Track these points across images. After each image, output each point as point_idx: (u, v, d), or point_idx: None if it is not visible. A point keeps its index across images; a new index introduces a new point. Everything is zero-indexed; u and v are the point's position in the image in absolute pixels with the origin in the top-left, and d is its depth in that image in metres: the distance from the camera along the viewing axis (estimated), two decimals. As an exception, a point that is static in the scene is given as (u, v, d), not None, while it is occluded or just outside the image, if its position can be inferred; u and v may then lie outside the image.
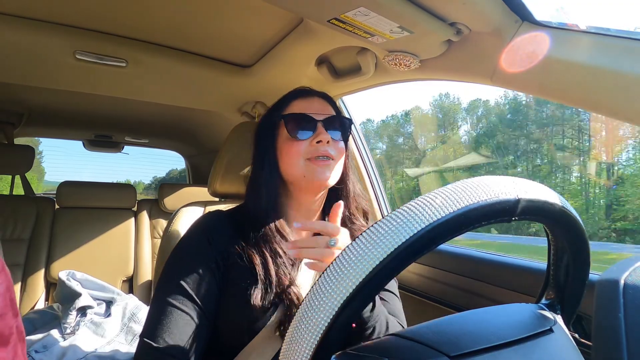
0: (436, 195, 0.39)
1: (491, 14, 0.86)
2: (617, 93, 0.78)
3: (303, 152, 0.89)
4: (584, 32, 0.81)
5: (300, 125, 0.90)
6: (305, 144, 0.90)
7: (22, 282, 2.20)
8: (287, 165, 0.91)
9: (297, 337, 0.38)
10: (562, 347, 0.48)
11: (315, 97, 0.97)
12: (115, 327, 2.00)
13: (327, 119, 0.92)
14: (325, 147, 0.89)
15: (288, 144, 0.91)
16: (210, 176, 1.11)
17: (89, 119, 2.70)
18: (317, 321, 0.37)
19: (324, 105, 0.96)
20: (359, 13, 0.87)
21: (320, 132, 0.89)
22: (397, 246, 0.36)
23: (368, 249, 0.37)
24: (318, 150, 0.89)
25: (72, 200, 2.50)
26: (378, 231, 0.38)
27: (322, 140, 0.89)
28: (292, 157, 0.90)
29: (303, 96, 0.96)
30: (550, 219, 0.47)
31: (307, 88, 1.00)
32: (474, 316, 0.49)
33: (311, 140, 0.90)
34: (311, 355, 0.37)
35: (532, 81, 0.92)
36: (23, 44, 1.26)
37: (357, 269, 0.37)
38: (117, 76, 1.52)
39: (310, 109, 0.92)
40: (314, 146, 0.89)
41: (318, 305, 0.38)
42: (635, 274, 0.42)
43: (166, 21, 1.21)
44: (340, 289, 0.37)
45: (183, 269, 0.82)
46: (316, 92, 0.98)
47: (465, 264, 1.31)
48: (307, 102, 0.95)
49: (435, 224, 0.37)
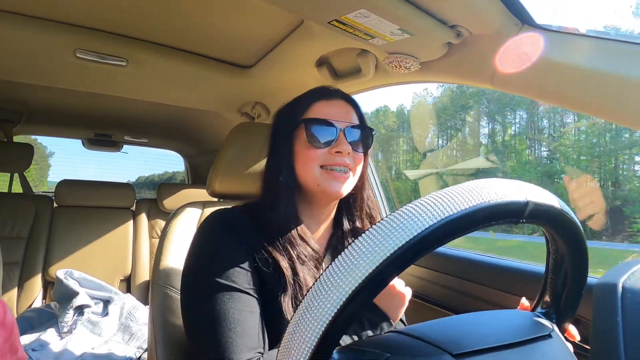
0: (449, 193, 0.39)
1: (492, 17, 0.86)
2: (618, 97, 0.78)
3: (319, 160, 0.84)
4: (584, 35, 0.81)
5: (320, 132, 0.83)
6: (324, 151, 0.84)
7: (20, 281, 2.20)
8: (301, 171, 0.86)
9: (299, 330, 0.38)
10: (561, 352, 0.48)
11: (339, 100, 0.90)
12: (113, 326, 1.99)
13: (349, 127, 0.85)
14: (344, 158, 0.84)
15: (305, 149, 0.85)
16: (209, 176, 1.11)
17: (89, 117, 2.69)
18: (322, 313, 0.37)
19: (347, 109, 0.89)
20: (360, 15, 0.87)
21: (342, 141, 0.84)
22: (409, 239, 0.36)
23: (380, 241, 0.37)
24: (335, 160, 0.83)
25: (71, 199, 2.49)
26: (390, 224, 0.37)
27: (342, 152, 0.83)
28: (308, 163, 0.84)
29: (326, 97, 0.89)
30: (554, 224, 0.47)
31: (331, 88, 0.92)
32: (474, 318, 0.50)
33: (330, 149, 0.84)
34: (313, 349, 0.37)
35: (532, 84, 0.92)
36: (23, 42, 1.26)
37: (367, 260, 0.36)
38: (117, 75, 1.52)
39: (333, 113, 0.86)
40: (332, 155, 0.84)
41: (325, 294, 0.37)
42: (633, 278, 0.42)
43: (167, 21, 1.21)
44: (349, 280, 0.36)
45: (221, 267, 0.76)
46: (341, 93, 0.91)
47: (464, 267, 1.31)
48: (330, 105, 0.88)
49: (447, 220, 0.37)
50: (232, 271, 0.75)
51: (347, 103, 0.90)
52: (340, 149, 0.83)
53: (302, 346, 0.37)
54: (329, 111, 0.86)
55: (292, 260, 0.80)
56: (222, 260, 0.76)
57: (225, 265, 0.76)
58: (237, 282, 0.74)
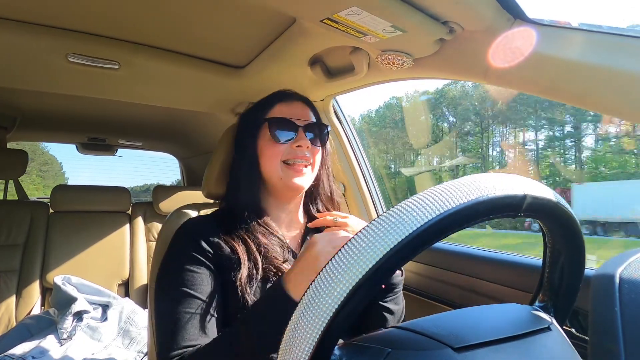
0: (448, 187, 0.40)
1: (484, 12, 0.86)
2: (610, 89, 0.78)
3: (282, 155, 0.96)
4: (576, 29, 0.82)
5: (282, 129, 0.96)
6: (286, 147, 0.96)
7: (18, 288, 2.19)
8: (266, 166, 0.97)
9: (300, 327, 0.38)
10: (560, 344, 0.49)
11: (297, 102, 1.03)
12: (112, 331, 1.99)
13: (307, 125, 0.98)
14: (304, 152, 0.96)
15: (269, 146, 0.96)
16: (204, 178, 1.10)
17: (82, 122, 2.68)
18: (323, 310, 0.37)
19: (305, 110, 1.02)
20: (352, 12, 0.87)
21: (301, 137, 0.96)
22: (409, 233, 0.36)
23: (379, 235, 0.37)
24: (297, 154, 0.96)
25: (67, 204, 2.48)
26: (389, 219, 0.37)
27: (302, 145, 0.96)
28: (272, 158, 0.96)
29: (286, 100, 1.02)
30: (551, 218, 0.48)
31: (290, 91, 1.05)
32: (474, 312, 0.50)
33: (292, 144, 0.96)
34: (314, 346, 0.37)
35: (525, 78, 0.92)
36: (14, 47, 1.24)
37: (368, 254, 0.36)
38: (110, 79, 1.51)
39: (293, 113, 0.98)
40: (293, 149, 0.96)
41: (323, 294, 0.37)
42: (630, 268, 0.43)
43: (158, 23, 1.20)
44: (350, 275, 0.36)
45: (179, 276, 0.84)
46: (299, 96, 1.04)
47: (461, 262, 1.31)
48: (290, 106, 1.00)
49: (445, 214, 0.37)
50: (184, 278, 0.83)
51: (305, 104, 1.04)
52: (300, 143, 0.96)
53: (304, 344, 0.37)
54: (289, 111, 0.99)
55: (248, 244, 0.89)
56: (177, 272, 0.85)
57: (179, 273, 0.85)
58: (187, 286, 0.83)
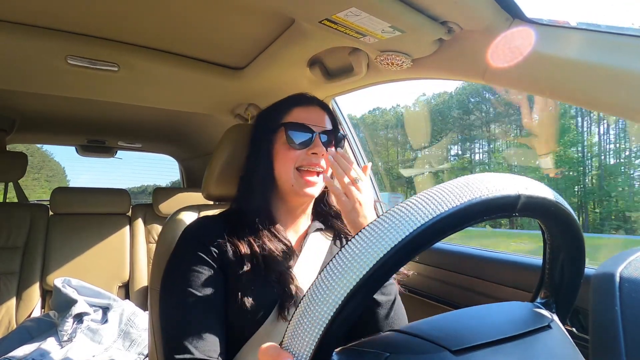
0: (441, 190, 0.39)
1: (482, 12, 0.86)
2: (609, 88, 0.78)
3: (297, 161, 0.94)
4: (575, 28, 0.82)
5: (299, 135, 0.94)
6: (301, 153, 0.94)
7: (18, 291, 2.18)
8: (279, 170, 0.96)
9: (298, 333, 0.38)
10: (561, 342, 0.49)
11: (315, 106, 1.01)
12: (113, 333, 1.99)
13: (324, 131, 0.97)
14: (319, 159, 0.95)
15: (284, 150, 0.95)
16: (204, 179, 1.10)
17: (82, 124, 2.68)
18: (320, 315, 0.37)
19: (322, 115, 1.00)
20: (351, 13, 0.87)
21: (317, 144, 0.95)
22: (402, 239, 0.36)
23: (372, 241, 0.37)
24: (311, 161, 0.94)
25: (66, 206, 2.48)
26: (382, 225, 0.37)
27: (318, 153, 0.94)
28: (286, 164, 0.94)
29: (304, 104, 1.00)
30: (547, 216, 0.47)
31: (308, 95, 1.03)
32: (473, 312, 0.50)
33: (307, 151, 0.95)
34: (312, 351, 0.37)
35: (524, 78, 0.92)
36: (14, 49, 1.24)
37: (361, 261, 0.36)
38: (109, 81, 1.51)
39: (310, 118, 0.96)
40: (308, 156, 0.94)
41: (322, 297, 0.37)
42: (630, 267, 0.43)
43: (157, 25, 1.20)
44: (345, 281, 0.36)
45: (185, 276, 0.84)
46: (316, 100, 1.02)
47: (461, 262, 1.31)
48: (307, 111, 0.98)
49: (440, 217, 0.37)
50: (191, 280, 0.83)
51: (322, 110, 1.01)
52: (316, 150, 0.94)
53: (301, 349, 0.37)
54: (306, 116, 0.97)
55: (253, 247, 0.87)
56: (184, 272, 0.85)
57: (185, 273, 0.84)
58: (193, 287, 0.82)
